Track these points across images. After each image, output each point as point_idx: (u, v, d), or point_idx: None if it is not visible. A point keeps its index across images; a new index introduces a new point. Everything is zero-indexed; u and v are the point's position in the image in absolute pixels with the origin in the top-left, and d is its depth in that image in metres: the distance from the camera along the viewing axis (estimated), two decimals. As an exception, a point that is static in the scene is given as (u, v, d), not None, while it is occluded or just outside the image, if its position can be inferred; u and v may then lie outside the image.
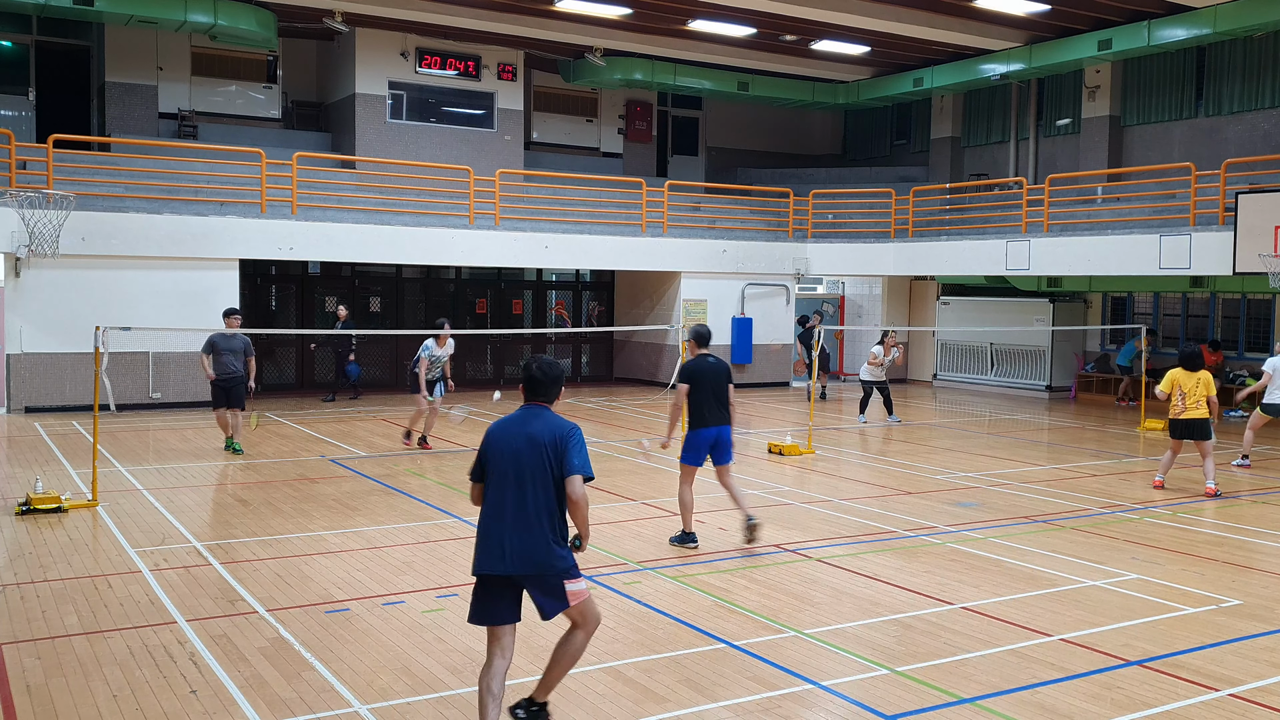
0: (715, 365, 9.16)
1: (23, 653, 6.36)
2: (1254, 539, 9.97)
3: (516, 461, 5.08)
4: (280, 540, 9.23)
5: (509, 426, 5.21)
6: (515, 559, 5.00)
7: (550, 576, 5.06)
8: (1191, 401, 11.89)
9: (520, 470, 5.06)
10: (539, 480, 5.05)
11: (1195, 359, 12.02)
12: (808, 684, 6.07)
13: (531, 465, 5.06)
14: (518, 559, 5.00)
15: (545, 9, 20.80)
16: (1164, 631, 7.11)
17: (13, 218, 15.96)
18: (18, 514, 9.91)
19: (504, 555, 5.01)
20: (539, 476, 5.05)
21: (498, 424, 5.28)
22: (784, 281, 23.86)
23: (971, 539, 9.69)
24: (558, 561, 5.05)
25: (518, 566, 5.01)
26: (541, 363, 5.38)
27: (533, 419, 5.20)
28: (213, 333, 13.73)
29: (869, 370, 18.28)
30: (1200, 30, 19.16)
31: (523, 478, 5.05)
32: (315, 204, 19.24)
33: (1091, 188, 22.13)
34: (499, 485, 5.08)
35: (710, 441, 9.13)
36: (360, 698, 5.76)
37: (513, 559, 5.00)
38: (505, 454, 5.12)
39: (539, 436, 5.10)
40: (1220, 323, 21.43)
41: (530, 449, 5.08)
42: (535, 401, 5.32)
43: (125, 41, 21.16)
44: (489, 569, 5.04)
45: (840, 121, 30.48)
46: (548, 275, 25.41)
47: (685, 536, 9.27)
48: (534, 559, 5.01)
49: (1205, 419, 11.95)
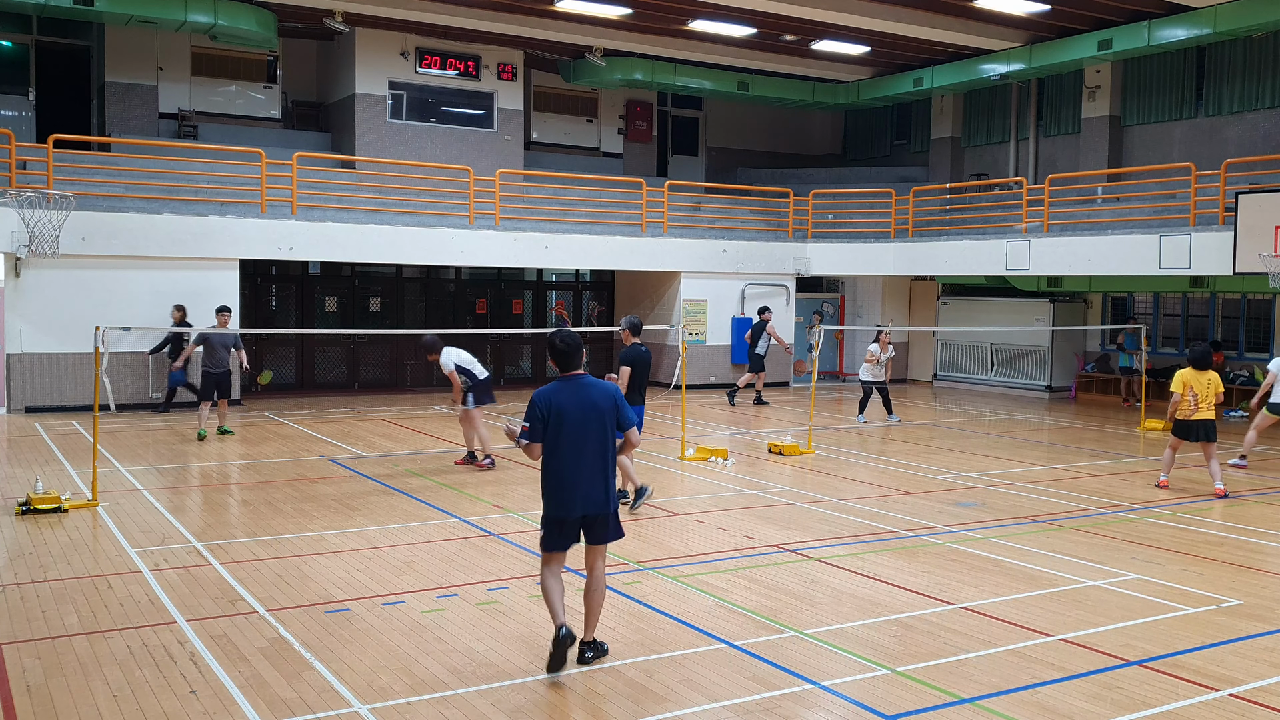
0: (647, 353, 11.03)
1: (23, 653, 6.37)
2: (1254, 539, 9.97)
3: (584, 426, 6.11)
4: (280, 540, 9.23)
5: (570, 395, 6.15)
6: (588, 503, 6.16)
7: (612, 515, 6.29)
8: (1204, 402, 11.82)
9: (587, 431, 6.12)
10: (604, 438, 6.17)
11: (1205, 359, 11.88)
12: (808, 684, 6.07)
13: (596, 426, 6.15)
14: (591, 503, 6.17)
15: (545, 9, 20.80)
16: (1164, 631, 7.11)
17: (13, 218, 15.96)
18: (18, 514, 9.91)
19: (581, 501, 6.14)
20: (604, 435, 6.17)
21: (554, 393, 6.17)
22: (784, 281, 23.87)
23: (971, 539, 9.69)
24: (615, 504, 6.33)
25: (590, 509, 6.18)
26: (564, 335, 6.29)
27: (586, 387, 6.21)
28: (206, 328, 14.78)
29: (868, 370, 18.22)
30: (1200, 30, 19.15)
31: (589, 437, 6.12)
32: (315, 204, 19.24)
33: (1091, 188, 22.13)
34: (574, 445, 6.10)
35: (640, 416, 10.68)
36: (360, 698, 5.76)
37: (585, 503, 6.15)
38: (575, 419, 6.11)
39: (600, 403, 6.18)
40: (1220, 323, 21.43)
41: (595, 414, 6.15)
42: (574, 371, 6.27)
43: (125, 41, 21.16)
44: (569, 513, 6.15)
45: (840, 121, 30.48)
46: (548, 275, 25.41)
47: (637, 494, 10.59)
48: (602, 502, 6.21)
49: (1214, 420, 11.91)
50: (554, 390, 6.18)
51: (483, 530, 9.71)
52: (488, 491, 11.53)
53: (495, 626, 6.98)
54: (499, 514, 10.42)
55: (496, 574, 8.25)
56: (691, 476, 12.68)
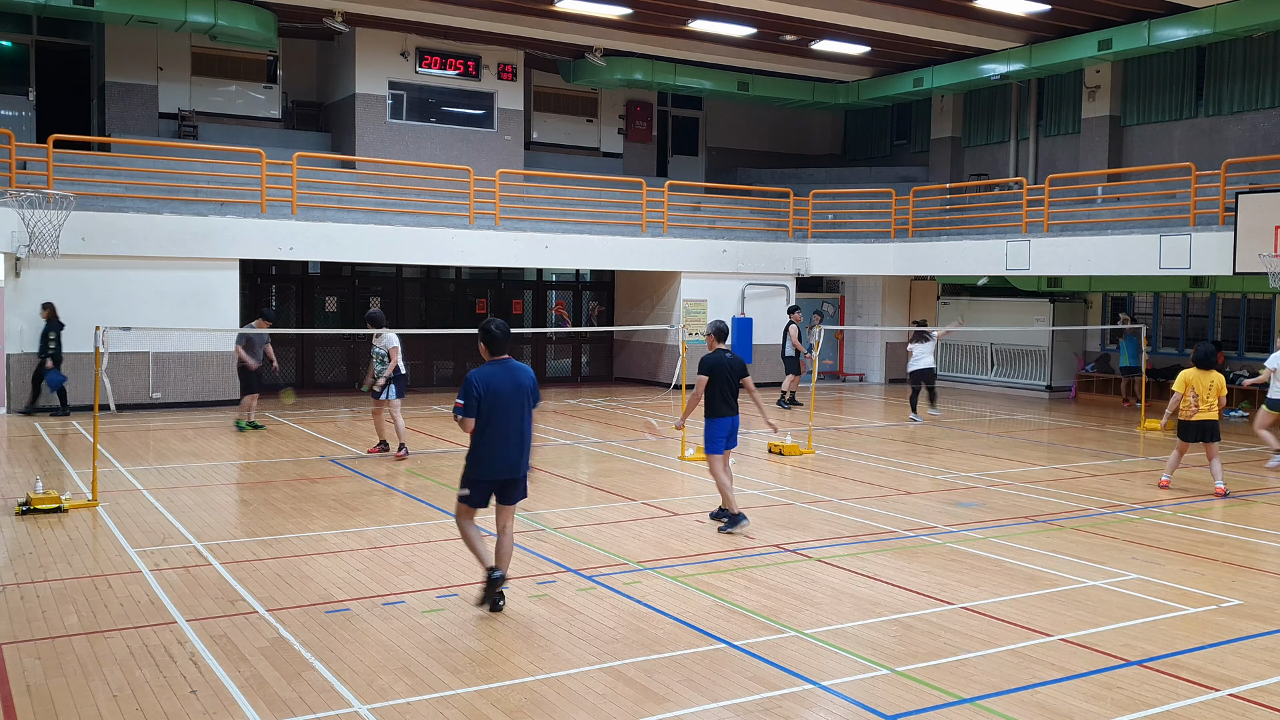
0: (732, 360, 9.90)
1: (23, 653, 6.36)
2: (1254, 539, 9.97)
3: (511, 402, 7.16)
4: (280, 540, 9.23)
5: (499, 376, 7.18)
6: (510, 468, 7.26)
7: (524, 477, 7.41)
8: (1205, 403, 11.80)
9: (514, 407, 7.18)
10: (525, 413, 7.26)
11: (1208, 359, 11.86)
12: (808, 684, 6.07)
13: (520, 403, 7.22)
14: (512, 467, 7.27)
15: (545, 9, 20.80)
16: (1164, 631, 7.11)
17: (13, 218, 15.96)
18: (18, 514, 9.91)
19: (505, 466, 7.22)
20: (525, 410, 7.25)
21: (488, 374, 7.15)
22: (784, 281, 23.86)
23: (971, 539, 9.68)
24: (527, 468, 7.42)
25: (512, 472, 7.28)
26: (498, 323, 7.33)
27: (514, 369, 7.27)
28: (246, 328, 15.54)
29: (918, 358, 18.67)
30: (1200, 30, 19.15)
31: (515, 412, 7.19)
32: (315, 204, 19.24)
33: (1091, 188, 22.13)
34: (504, 419, 7.13)
35: (730, 428, 9.91)
36: (360, 698, 5.76)
37: (508, 468, 7.25)
38: (505, 397, 7.14)
39: (524, 383, 7.26)
40: (1220, 323, 21.43)
41: (520, 392, 7.22)
42: (503, 355, 7.30)
43: (125, 41, 21.16)
44: (497, 475, 7.23)
45: (840, 121, 30.48)
46: (548, 275, 25.41)
47: (731, 520, 9.73)
48: (518, 466, 7.31)
49: (1216, 421, 11.88)
50: (487, 372, 7.17)
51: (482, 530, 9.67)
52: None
53: (495, 626, 6.98)
54: (499, 514, 10.40)
55: (496, 574, 8.24)
56: (691, 476, 12.68)
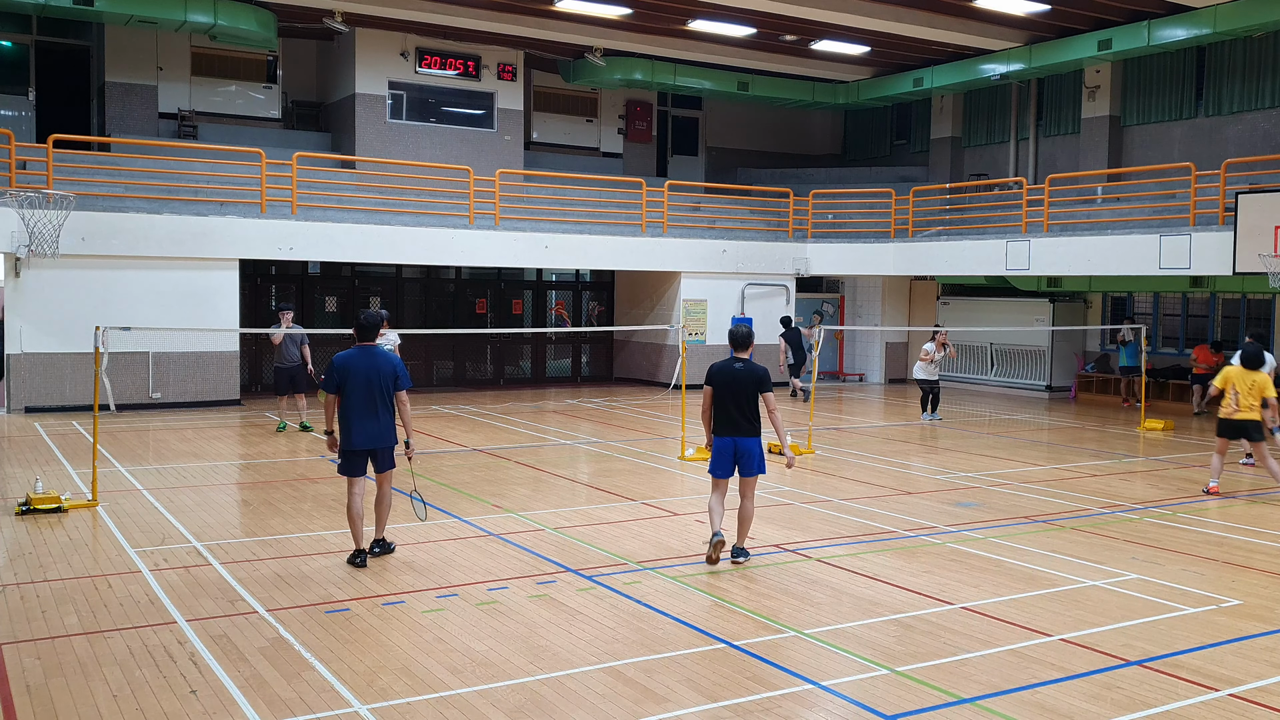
0: (740, 371, 8.56)
1: (23, 653, 6.36)
2: (1254, 539, 9.97)
3: (370, 382, 8.28)
4: (280, 540, 9.23)
5: (359, 360, 8.31)
6: (374, 438, 8.38)
7: (389, 449, 8.51)
8: (1245, 402, 11.73)
9: (372, 387, 8.29)
10: (387, 392, 8.37)
11: (1255, 358, 11.81)
12: (808, 684, 6.07)
13: (379, 384, 8.31)
14: (375, 438, 8.39)
15: (545, 9, 20.79)
16: (1164, 631, 7.11)
17: (13, 218, 15.96)
18: (18, 514, 9.91)
19: (369, 436, 8.35)
20: (386, 390, 8.36)
21: (349, 358, 8.30)
22: (784, 281, 23.86)
23: (971, 539, 9.69)
24: (393, 440, 8.53)
25: (375, 443, 8.40)
26: (368, 315, 8.53)
27: (374, 355, 8.38)
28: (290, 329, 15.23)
29: (923, 368, 18.70)
30: (1200, 30, 19.15)
31: (374, 391, 8.30)
32: (315, 204, 19.23)
33: (1091, 188, 22.12)
34: (363, 397, 8.28)
35: (729, 451, 8.58)
36: (360, 698, 5.76)
37: (372, 438, 8.37)
38: (360, 377, 8.26)
39: (382, 368, 8.33)
40: (1220, 323, 21.42)
41: (376, 374, 8.30)
42: (368, 342, 8.44)
43: (125, 41, 21.15)
44: (362, 445, 8.35)
45: (840, 121, 30.47)
46: (548, 275, 25.40)
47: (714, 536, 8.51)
48: (384, 438, 8.44)
49: (1258, 421, 11.78)
50: (350, 356, 8.31)
51: (482, 530, 9.71)
52: (488, 491, 11.53)
53: (495, 626, 6.98)
54: (499, 514, 10.42)
55: (496, 574, 8.25)
56: (691, 476, 12.68)
